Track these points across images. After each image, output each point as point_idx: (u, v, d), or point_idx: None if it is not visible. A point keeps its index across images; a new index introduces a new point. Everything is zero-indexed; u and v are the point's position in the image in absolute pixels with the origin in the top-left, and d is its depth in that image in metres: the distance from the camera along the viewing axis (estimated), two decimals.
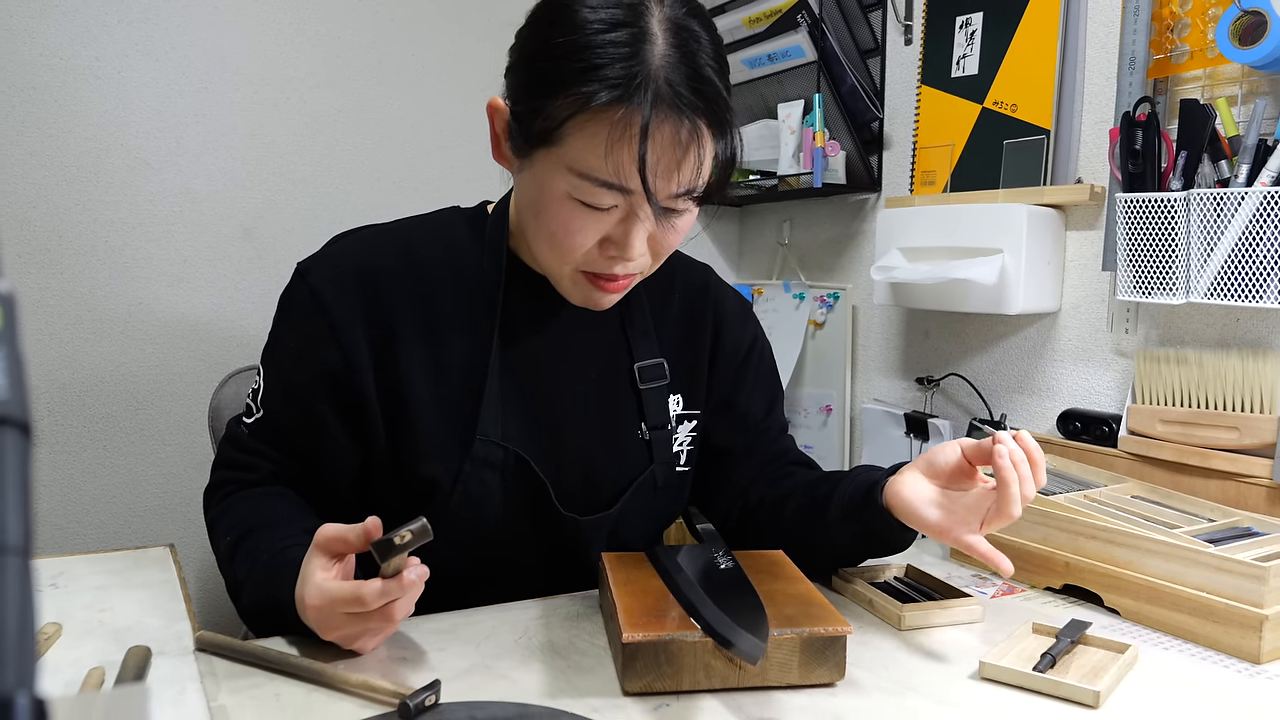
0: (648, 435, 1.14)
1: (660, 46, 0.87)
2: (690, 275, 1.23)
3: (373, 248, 1.07)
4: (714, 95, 0.90)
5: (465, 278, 1.07)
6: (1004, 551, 1.22)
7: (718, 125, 0.91)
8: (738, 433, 1.22)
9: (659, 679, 0.84)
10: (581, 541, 1.11)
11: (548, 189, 0.93)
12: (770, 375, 1.28)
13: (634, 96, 0.86)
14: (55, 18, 1.74)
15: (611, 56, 0.86)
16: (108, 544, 1.83)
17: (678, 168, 0.90)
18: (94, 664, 0.86)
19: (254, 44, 1.94)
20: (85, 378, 1.82)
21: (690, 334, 1.19)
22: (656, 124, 0.87)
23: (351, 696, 0.83)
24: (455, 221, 1.12)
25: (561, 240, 0.95)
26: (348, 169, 2.05)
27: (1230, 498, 1.33)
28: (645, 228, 0.95)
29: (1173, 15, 1.46)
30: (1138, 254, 1.43)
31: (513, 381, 1.07)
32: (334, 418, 1.04)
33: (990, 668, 0.90)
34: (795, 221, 2.36)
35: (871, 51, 2.06)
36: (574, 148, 0.89)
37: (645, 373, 1.14)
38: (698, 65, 0.89)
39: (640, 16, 0.88)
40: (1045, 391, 1.73)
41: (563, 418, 1.10)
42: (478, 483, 1.04)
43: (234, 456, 1.09)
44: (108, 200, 1.82)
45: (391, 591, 0.84)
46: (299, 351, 1.05)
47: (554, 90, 0.88)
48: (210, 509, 1.09)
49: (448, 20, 2.13)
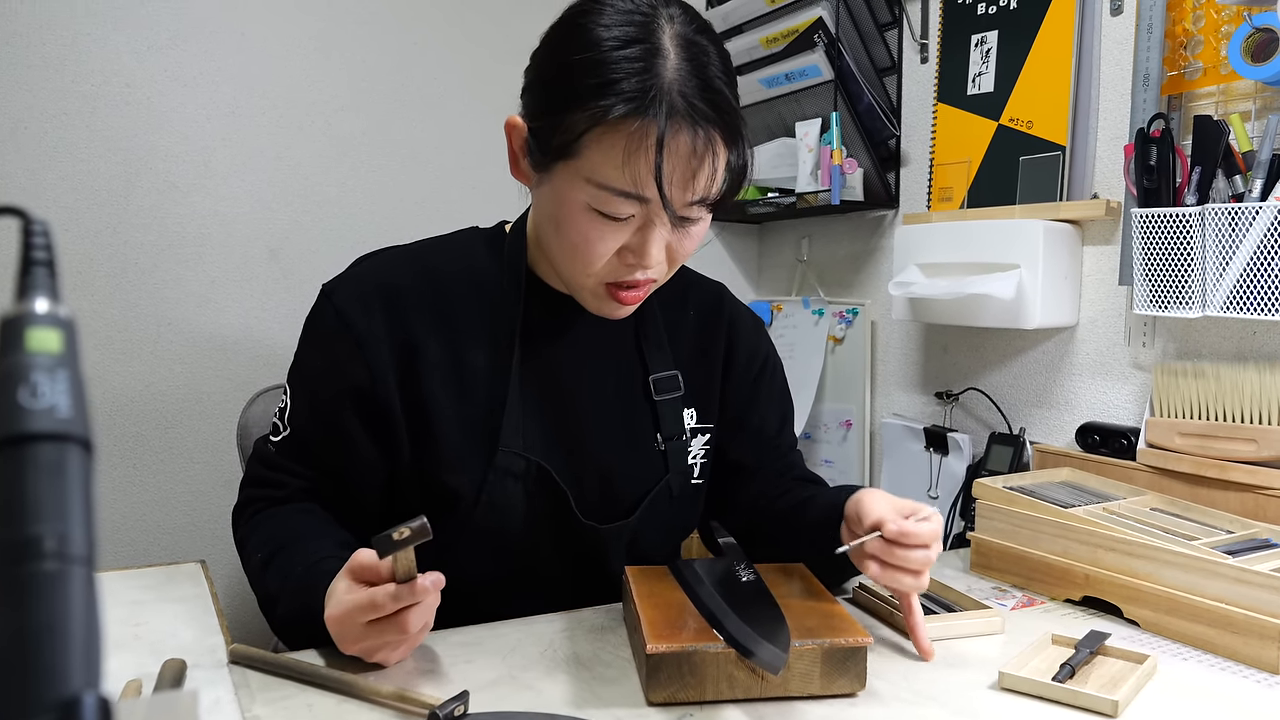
0: (663, 446, 1.16)
1: (672, 61, 0.91)
2: (704, 293, 1.26)
3: (394, 268, 1.10)
4: (725, 106, 0.92)
5: (485, 294, 1.10)
6: (1023, 565, 1.24)
7: (730, 135, 0.94)
8: (751, 448, 1.25)
9: (682, 689, 0.86)
10: (601, 550, 1.13)
11: (567, 201, 0.96)
12: (782, 392, 1.30)
13: (649, 109, 0.89)
14: (86, 45, 1.78)
15: (626, 71, 0.89)
16: (139, 560, 1.86)
17: (693, 176, 0.93)
18: (131, 676, 0.88)
19: (280, 69, 1.97)
20: (115, 397, 1.85)
21: (704, 349, 1.22)
22: (672, 134, 0.90)
23: (382, 707, 0.85)
24: (474, 241, 1.15)
25: (582, 251, 0.97)
26: (372, 190, 2.08)
27: (1249, 509, 1.33)
28: (662, 235, 0.97)
29: (1186, 32, 1.47)
30: (1154, 268, 1.44)
31: (532, 393, 1.10)
32: (361, 433, 1.06)
33: (1009, 678, 0.91)
34: (814, 238, 2.38)
35: (888, 70, 2.08)
36: (592, 159, 0.92)
37: (660, 385, 1.16)
38: (708, 78, 0.92)
39: (652, 33, 0.91)
40: (1064, 405, 1.74)
41: (581, 428, 1.12)
42: (501, 493, 1.07)
43: (262, 474, 1.11)
44: (137, 223, 1.85)
45: (403, 596, 0.85)
46: (325, 369, 1.07)
47: (572, 105, 0.91)
48: (239, 527, 1.12)
49: (469, 44, 2.16)
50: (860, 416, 2.21)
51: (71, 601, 0.34)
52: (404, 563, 0.85)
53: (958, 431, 1.90)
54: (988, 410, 1.88)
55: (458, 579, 0.92)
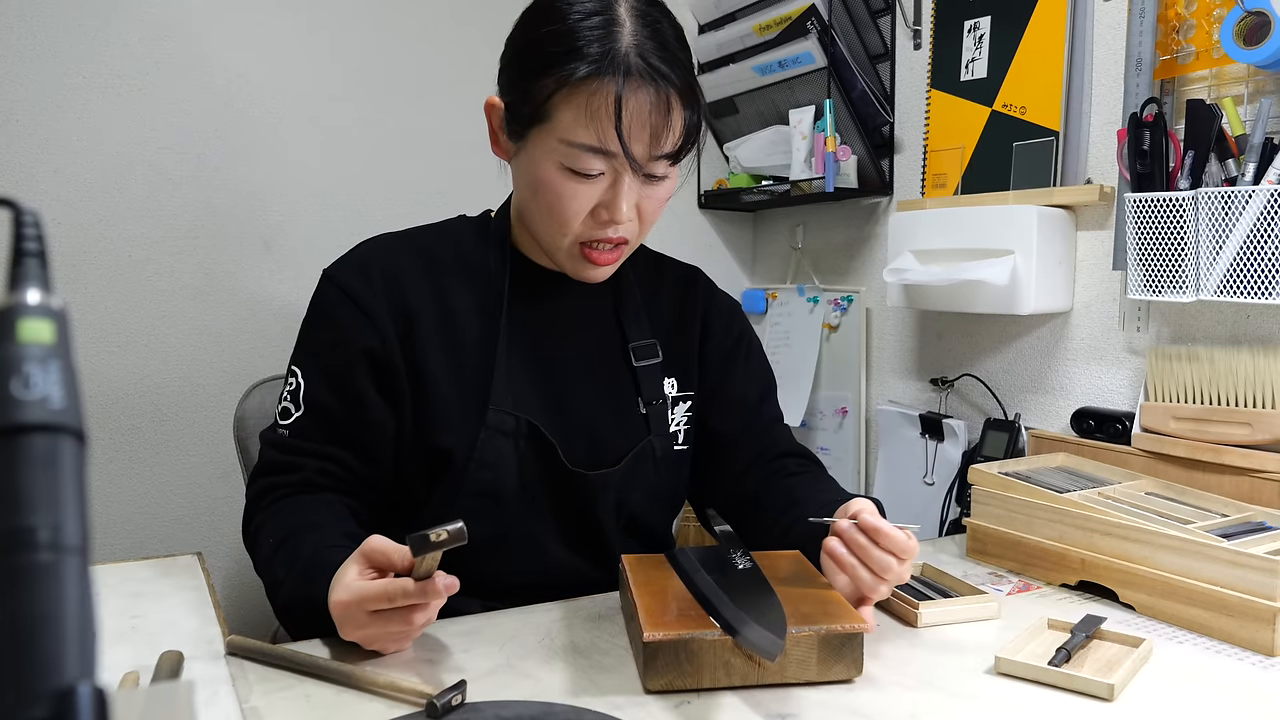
0: (645, 410, 1.22)
1: (629, 27, 1.01)
2: (680, 272, 1.34)
3: (390, 250, 1.18)
4: (679, 64, 1.03)
5: (474, 271, 1.18)
6: (1019, 550, 1.25)
7: (684, 92, 1.03)
8: (732, 416, 1.28)
9: (680, 677, 0.86)
10: (590, 498, 1.16)
11: (542, 163, 1.04)
12: (760, 367, 1.34)
13: (610, 68, 0.98)
14: (78, 36, 1.77)
15: (589, 38, 0.99)
16: (134, 553, 1.86)
17: (652, 131, 1.02)
18: (128, 668, 0.89)
19: (272, 60, 1.96)
20: (110, 390, 1.85)
21: (681, 322, 1.28)
22: (630, 91, 0.99)
23: (380, 697, 0.85)
24: (463, 227, 1.24)
25: (557, 210, 1.06)
26: (364, 181, 2.08)
27: (1244, 493, 1.34)
28: (632, 191, 1.05)
29: (1178, 17, 1.47)
30: (1148, 253, 1.44)
31: (520, 356, 1.16)
32: (373, 394, 1.12)
33: (1006, 662, 0.92)
34: (808, 226, 2.37)
35: (881, 56, 2.08)
36: (562, 121, 1.01)
37: (639, 351, 1.23)
38: (664, 42, 1.02)
39: (610, 6, 1.02)
40: (1058, 390, 1.74)
41: (567, 386, 1.19)
42: (493, 450, 1.11)
43: (275, 459, 1.12)
44: (130, 215, 1.85)
45: (417, 595, 0.86)
46: (335, 340, 1.12)
47: (540, 72, 1.01)
48: (256, 514, 1.11)
49: (460, 35, 2.16)
50: (856, 403, 2.21)
51: (66, 592, 0.34)
52: (429, 562, 0.85)
53: (953, 418, 1.90)
54: (983, 396, 1.88)
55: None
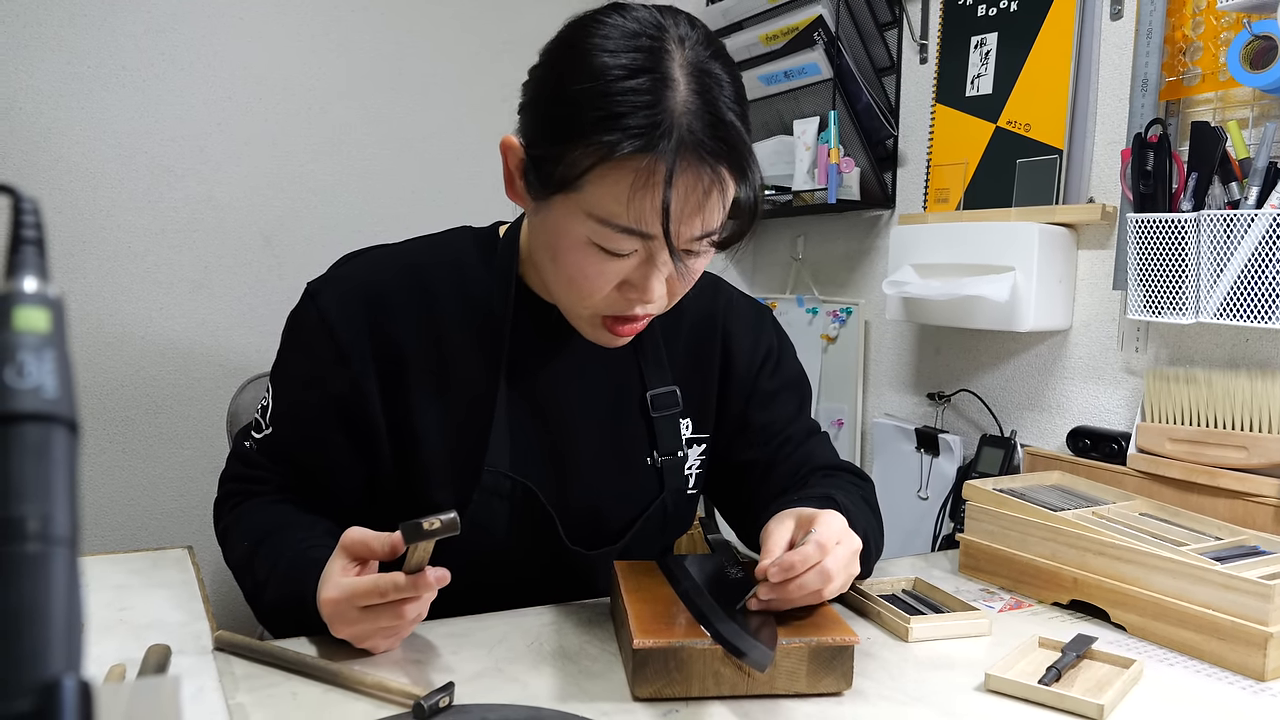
0: (659, 463, 1.14)
1: (682, 93, 0.86)
2: (700, 299, 1.18)
3: (380, 270, 1.07)
4: (735, 140, 0.88)
5: (475, 303, 1.07)
6: (1012, 567, 1.25)
7: (738, 170, 0.90)
8: (759, 446, 1.20)
9: (669, 685, 0.86)
10: (587, 573, 1.13)
11: (566, 234, 0.92)
12: (794, 379, 1.25)
13: (657, 145, 0.84)
14: (83, 27, 1.77)
15: (633, 105, 0.84)
16: (126, 545, 1.86)
17: (699, 212, 0.89)
18: (115, 661, 0.88)
19: (277, 54, 1.96)
20: (106, 381, 1.84)
21: (699, 356, 1.18)
22: (679, 171, 0.86)
23: (367, 697, 0.85)
24: (465, 244, 1.11)
25: (580, 284, 0.94)
26: (366, 178, 2.08)
27: (1238, 516, 1.34)
28: (664, 271, 0.94)
29: (1185, 39, 1.47)
30: (1148, 274, 1.44)
31: (521, 411, 1.07)
32: (342, 441, 1.05)
33: (996, 680, 0.91)
34: (809, 237, 2.37)
35: (887, 70, 2.08)
36: (595, 194, 0.88)
37: (658, 401, 1.13)
38: (719, 110, 0.87)
39: (660, 61, 0.86)
40: (1055, 409, 1.74)
41: (572, 449, 1.10)
42: (486, 512, 1.05)
43: (241, 472, 1.11)
44: (131, 207, 1.85)
45: (409, 588, 0.85)
46: (308, 377, 1.06)
47: (574, 138, 0.87)
48: (221, 518, 1.11)
49: (465, 34, 2.16)
50: (852, 416, 2.21)
51: (53, 583, 0.34)
52: (420, 554, 0.84)
53: (949, 433, 1.90)
54: (979, 412, 1.88)
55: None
